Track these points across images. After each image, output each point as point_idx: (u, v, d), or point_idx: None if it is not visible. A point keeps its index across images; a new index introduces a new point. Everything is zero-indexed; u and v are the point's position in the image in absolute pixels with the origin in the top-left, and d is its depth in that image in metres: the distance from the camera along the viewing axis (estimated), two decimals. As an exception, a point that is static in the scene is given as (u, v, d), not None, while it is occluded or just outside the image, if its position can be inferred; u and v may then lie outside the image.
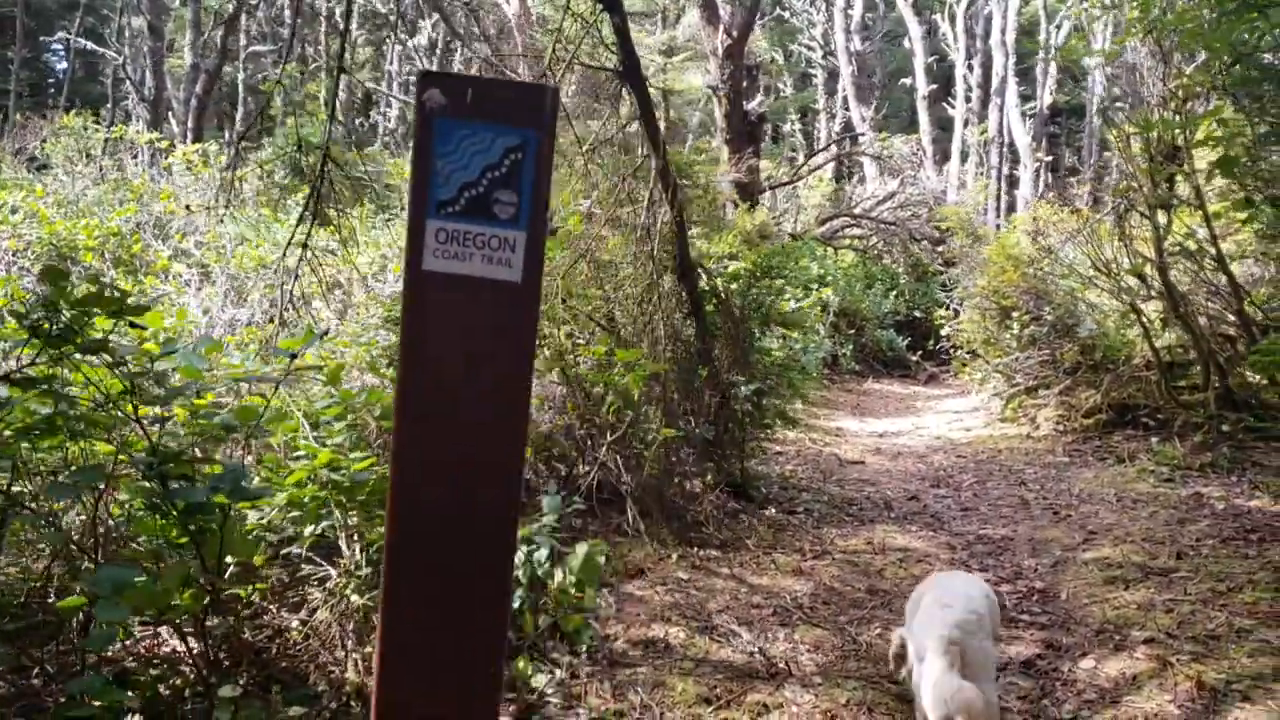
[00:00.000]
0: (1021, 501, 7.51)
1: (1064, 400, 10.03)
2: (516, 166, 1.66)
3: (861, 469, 8.92)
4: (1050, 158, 29.02)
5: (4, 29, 35.44)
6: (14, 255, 8.54)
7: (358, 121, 28.00)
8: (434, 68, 26.34)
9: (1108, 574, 5.58)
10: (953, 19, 29.63)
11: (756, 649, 4.52)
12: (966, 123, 28.56)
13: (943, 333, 14.71)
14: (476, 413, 1.75)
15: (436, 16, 24.88)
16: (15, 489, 3.22)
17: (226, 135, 24.82)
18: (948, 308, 15.43)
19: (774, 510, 6.89)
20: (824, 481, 8.17)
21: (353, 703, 3.52)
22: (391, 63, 32.16)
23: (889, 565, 5.90)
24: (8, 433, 2.98)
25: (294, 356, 2.95)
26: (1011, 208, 25.70)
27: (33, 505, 3.37)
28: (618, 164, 6.75)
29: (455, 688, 1.91)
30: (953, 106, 29.69)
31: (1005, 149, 26.80)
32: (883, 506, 7.45)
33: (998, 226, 21.60)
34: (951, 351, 14.29)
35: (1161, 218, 8.64)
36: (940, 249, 17.92)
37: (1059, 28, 26.59)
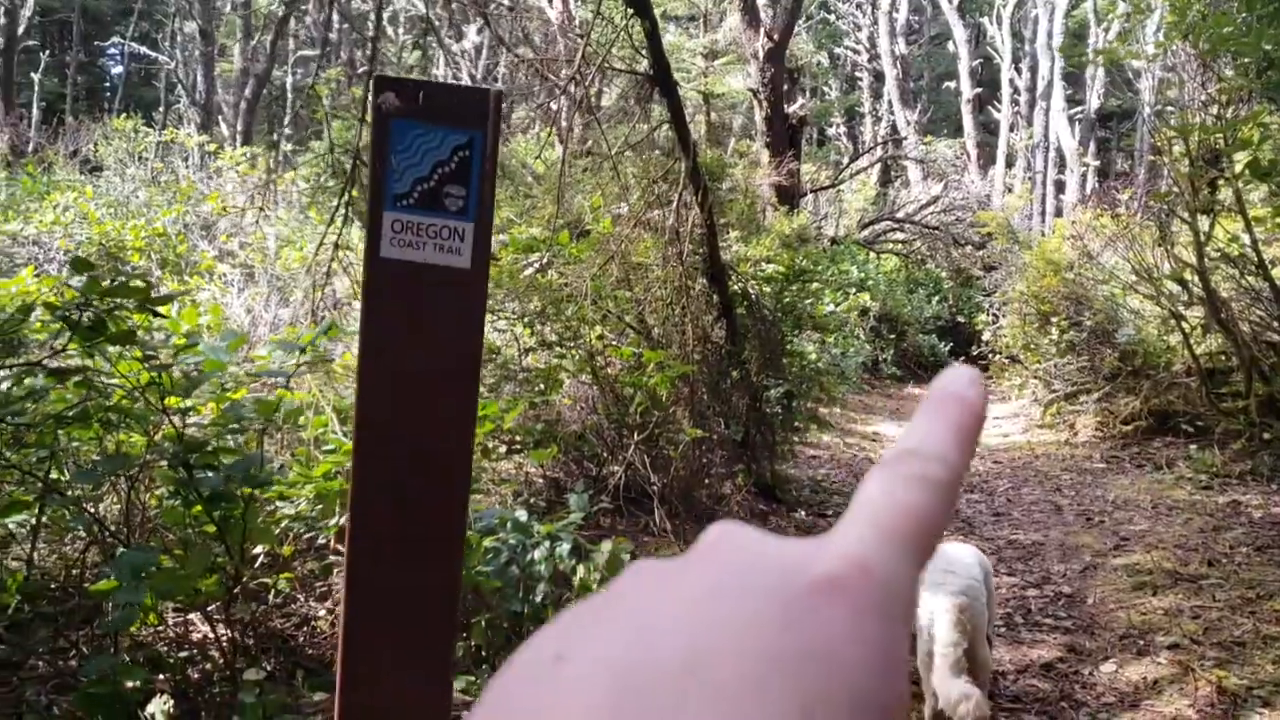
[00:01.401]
0: (1055, 507, 7.46)
1: (1103, 406, 9.93)
2: (465, 163, 1.77)
3: (896, 473, 8.89)
4: (1098, 162, 28.68)
5: (62, 34, 36.33)
6: (65, 255, 8.78)
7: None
8: (479, 72, 26.58)
9: (1137, 580, 5.55)
10: (999, 22, 29.38)
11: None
12: (1012, 127, 28.30)
13: (984, 338, 14.62)
14: (431, 388, 1.84)
15: (481, 21, 25.11)
16: (53, 477, 3.34)
17: (275, 138, 25.21)
18: (989, 313, 15.33)
19: (803, 513, 6.92)
20: (857, 485, 8.15)
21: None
22: (438, 67, 32.53)
23: (915, 568, 5.90)
24: (44, 421, 3.10)
25: (302, 350, 3.04)
26: (1058, 213, 25.42)
27: (68, 492, 3.49)
28: (650, 166, 6.82)
29: (409, 670, 2.00)
30: (998, 110, 29.43)
31: (1052, 153, 26.51)
32: (914, 511, 7.42)
33: (1043, 231, 21.39)
34: (992, 357, 14.19)
35: (1203, 223, 8.55)
36: (982, 253, 17.79)
37: (1107, 30, 26.27)
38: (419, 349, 1.81)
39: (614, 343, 6.66)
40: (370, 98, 1.74)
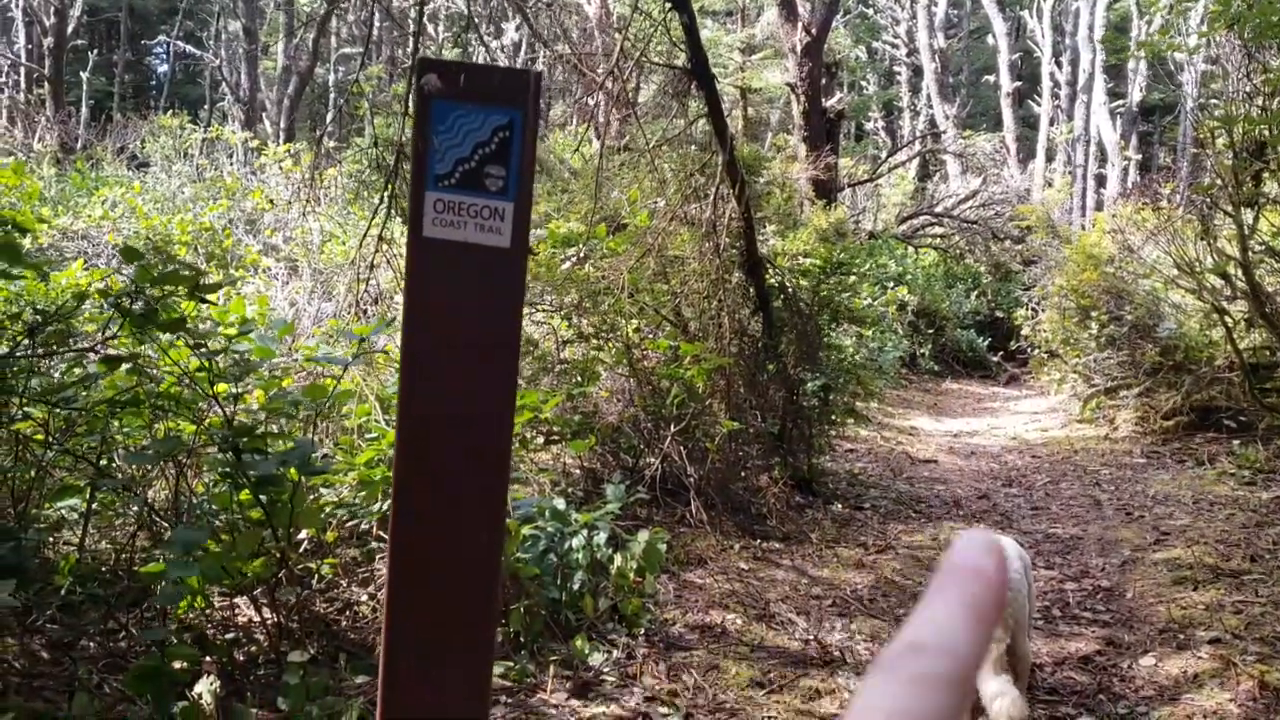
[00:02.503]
0: (1094, 502, 7.41)
1: (1143, 402, 9.84)
2: (505, 143, 1.82)
3: (933, 468, 8.88)
4: (1140, 156, 28.31)
5: (109, 33, 36.93)
6: (113, 249, 8.96)
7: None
8: (518, 67, 26.68)
9: (1177, 574, 5.50)
10: (1040, 15, 29.05)
11: (812, 637, 4.57)
12: (1052, 120, 28.00)
13: (1023, 333, 14.51)
14: (471, 365, 1.89)
15: (520, 18, 25.23)
16: (103, 462, 3.44)
17: (318, 134, 25.48)
18: (1028, 307, 15.20)
19: (840, 506, 6.92)
20: (894, 479, 8.16)
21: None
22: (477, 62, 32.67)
23: (952, 561, 5.88)
24: (96, 407, 3.19)
25: (362, 340, 3.11)
26: (1098, 207, 25.12)
27: (119, 478, 3.59)
28: (687, 160, 6.84)
29: (452, 664, 2.04)
30: (1038, 104, 29.12)
31: (1093, 147, 26.20)
32: (951, 504, 7.42)
33: (1083, 226, 21.15)
34: (1030, 352, 14.09)
35: (1247, 216, 8.44)
36: (1021, 248, 17.64)
37: (1149, 22, 25.90)
38: (461, 326, 1.85)
39: (651, 335, 6.70)
40: (414, 80, 1.79)
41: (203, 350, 2.90)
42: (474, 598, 1.94)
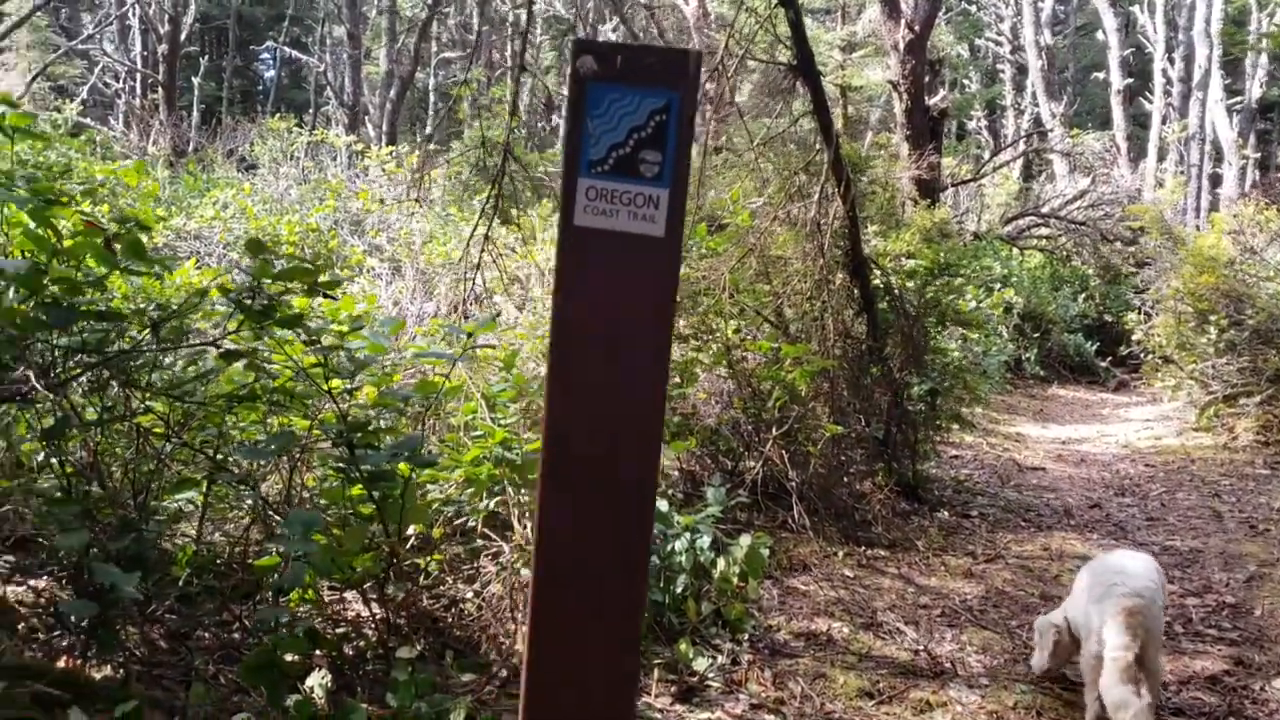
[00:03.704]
0: (1214, 514, 7.10)
1: (1266, 410, 9.40)
2: (661, 127, 1.76)
3: (1041, 475, 8.61)
4: (1259, 155, 27.15)
5: (219, 40, 38.16)
6: (224, 248, 9.21)
7: (540, 125, 28.77)
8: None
9: (1309, 592, 5.23)
10: (1152, 10, 28.06)
11: (921, 648, 4.45)
12: (1165, 118, 26.99)
13: (1134, 337, 14.00)
14: (622, 359, 1.85)
15: (617, 20, 25.33)
16: (220, 456, 3.50)
17: (418, 137, 25.93)
18: (1140, 311, 14.67)
19: (946, 513, 6.75)
20: (1001, 486, 7.93)
21: (520, 674, 3.65)
22: (571, 64, 32.86)
23: (1065, 571, 5.68)
24: (214, 402, 3.25)
25: (470, 336, 3.11)
26: (1214, 207, 24.15)
27: (235, 471, 3.65)
28: (789, 159, 6.74)
29: (597, 664, 2.01)
30: (1150, 101, 28.14)
31: (1207, 146, 25.22)
32: (1062, 513, 7.18)
33: (1197, 227, 20.37)
34: (1143, 357, 13.59)
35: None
36: (1132, 249, 17.03)
37: (1271, 15, 24.83)
38: (612, 318, 1.81)
39: (751, 337, 6.61)
40: (570, 62, 1.75)
41: (318, 346, 2.93)
42: (621, 595, 1.90)
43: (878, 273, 6.97)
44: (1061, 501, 7.57)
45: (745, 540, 4.64)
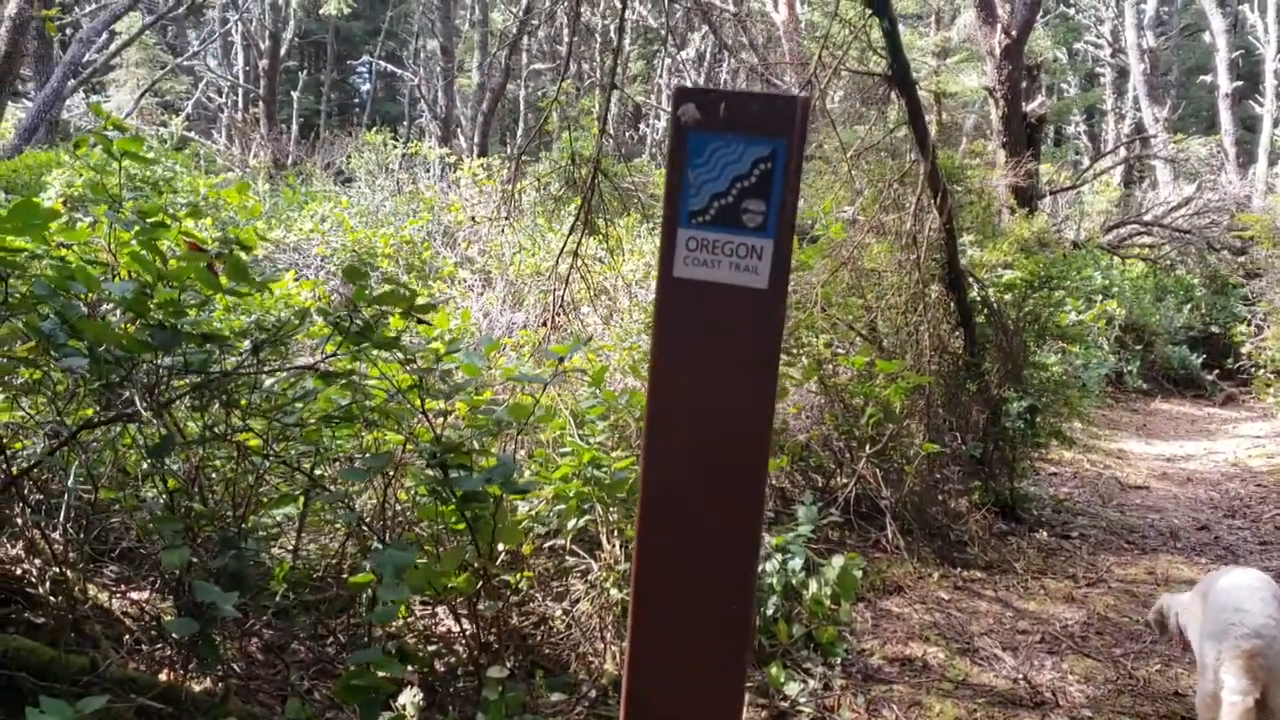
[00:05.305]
0: (1333, 539, 6.77)
1: (1389, 429, 8.94)
2: (765, 176, 1.71)
3: (1145, 494, 8.31)
4: (1379, 159, 25.91)
5: (317, 55, 39.17)
6: (321, 260, 9.41)
7: (628, 134, 28.89)
8: (701, 79, 26.78)
9: None
10: (1263, 9, 27.02)
11: (1021, 676, 4.31)
12: (1276, 122, 25.97)
13: (1243, 350, 13.45)
14: (722, 416, 1.80)
15: (706, 29, 25.30)
16: (317, 473, 3.54)
17: (509, 150, 26.24)
18: (1249, 323, 14.10)
19: (1045, 534, 6.55)
20: (1102, 506, 7.67)
21: (610, 694, 3.63)
22: (661, 75, 32.98)
23: (1173, 598, 5.46)
24: (312, 420, 3.29)
25: (561, 360, 3.09)
26: (1330, 214, 23.11)
27: (331, 488, 3.70)
28: (883, 170, 6.62)
29: (700, 687, 1.96)
30: (1260, 104, 27.09)
31: (1323, 150, 24.17)
32: (1168, 535, 6.91)
33: (1313, 235, 19.50)
34: (1252, 371, 13.05)
35: None
36: (1242, 259, 16.38)
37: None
38: (712, 374, 1.78)
39: (843, 351, 6.50)
40: (671, 109, 1.71)
41: (414, 367, 2.95)
42: (728, 617, 1.85)
43: (975, 285, 6.80)
44: (1167, 522, 7.29)
45: (837, 561, 4.55)
